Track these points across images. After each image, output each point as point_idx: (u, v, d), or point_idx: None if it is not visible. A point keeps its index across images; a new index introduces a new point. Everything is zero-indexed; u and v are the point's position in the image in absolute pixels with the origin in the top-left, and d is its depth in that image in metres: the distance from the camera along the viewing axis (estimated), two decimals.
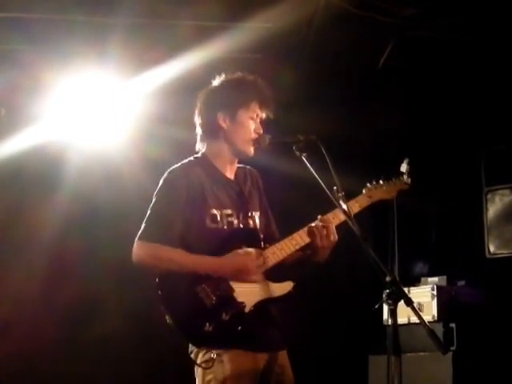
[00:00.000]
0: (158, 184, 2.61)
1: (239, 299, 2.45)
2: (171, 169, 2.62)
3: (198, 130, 2.70)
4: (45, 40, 4.00)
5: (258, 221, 2.65)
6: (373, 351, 4.16)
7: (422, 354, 3.93)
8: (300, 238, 2.57)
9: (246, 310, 2.45)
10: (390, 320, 2.20)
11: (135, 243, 2.51)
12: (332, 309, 4.72)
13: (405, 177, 2.80)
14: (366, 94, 4.59)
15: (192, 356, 2.50)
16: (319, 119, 3.98)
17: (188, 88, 4.11)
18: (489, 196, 4.65)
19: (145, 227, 2.51)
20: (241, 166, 2.75)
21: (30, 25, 3.93)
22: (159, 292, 2.47)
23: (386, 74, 4.53)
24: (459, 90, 4.56)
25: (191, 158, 2.68)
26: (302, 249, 2.61)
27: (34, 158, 4.22)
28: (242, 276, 2.47)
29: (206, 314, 2.41)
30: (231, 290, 2.46)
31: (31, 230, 4.25)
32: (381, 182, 2.78)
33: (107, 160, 4.36)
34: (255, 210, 2.67)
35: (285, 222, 2.83)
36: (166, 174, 2.60)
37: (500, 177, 4.61)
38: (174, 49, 4.09)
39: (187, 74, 4.10)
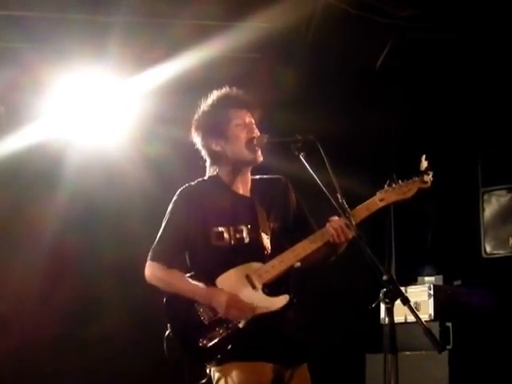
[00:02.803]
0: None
1: None
2: (179, 190, 2.70)
3: (206, 160, 2.76)
4: (44, 38, 4.01)
5: (274, 233, 2.66)
6: (370, 350, 4.18)
7: (418, 352, 3.95)
8: (302, 250, 2.59)
9: (241, 325, 2.50)
10: (386, 319, 2.22)
11: (148, 262, 2.66)
12: (329, 308, 4.73)
13: (425, 176, 2.64)
14: (364, 95, 4.60)
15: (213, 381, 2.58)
16: (317, 119, 3.99)
17: (187, 87, 4.13)
18: (485, 197, 4.67)
19: (155, 247, 2.66)
20: (262, 177, 2.77)
21: (29, 23, 3.93)
22: (164, 300, 2.61)
23: (385, 75, 4.54)
24: (457, 91, 4.58)
25: (204, 178, 2.74)
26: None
27: (33, 156, 4.22)
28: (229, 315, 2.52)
29: (201, 330, 2.50)
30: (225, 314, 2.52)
31: (31, 229, 4.25)
32: (400, 182, 2.63)
33: (107, 158, 4.36)
34: (274, 222, 2.68)
35: None
36: (174, 197, 2.69)
37: (496, 178, 4.63)
38: (174, 48, 4.10)
39: (186, 73, 4.11)
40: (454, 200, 4.73)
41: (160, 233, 2.66)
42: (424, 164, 2.64)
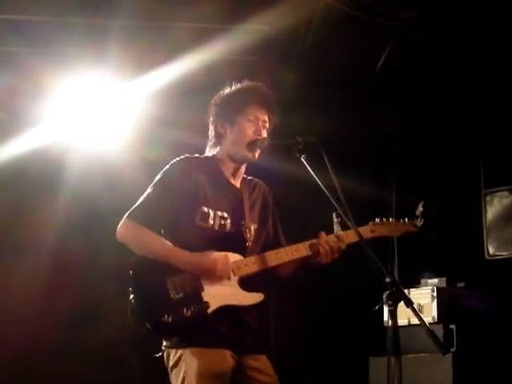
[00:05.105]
0: None
1: (205, 299, 2.49)
2: (175, 160, 2.68)
3: (209, 138, 2.78)
4: (44, 43, 4.01)
5: (252, 232, 2.69)
6: (373, 352, 4.16)
7: (422, 355, 3.93)
8: (285, 255, 2.62)
9: (209, 310, 2.49)
10: (390, 321, 2.21)
11: (124, 219, 2.58)
12: (332, 310, 4.72)
13: (417, 220, 2.74)
14: (364, 96, 4.60)
15: (165, 360, 2.56)
16: (318, 121, 3.99)
17: (187, 90, 4.13)
18: (487, 198, 4.65)
19: (137, 207, 2.59)
20: (252, 178, 2.82)
21: (29, 27, 3.94)
22: (130, 272, 2.53)
23: (385, 77, 4.53)
24: (458, 92, 4.57)
25: (200, 156, 2.74)
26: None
27: (34, 160, 4.23)
28: (209, 277, 2.51)
29: (167, 306, 2.46)
30: (200, 288, 2.51)
31: (32, 233, 4.26)
32: (390, 219, 2.74)
33: (107, 162, 4.37)
34: (252, 222, 2.71)
35: (283, 223, 2.85)
36: (168, 165, 2.67)
37: (498, 179, 4.62)
38: (174, 51, 4.09)
39: (187, 76, 4.11)
40: (457, 202, 4.72)
41: (148, 195, 2.60)
42: (420, 210, 2.74)
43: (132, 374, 4.25)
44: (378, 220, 2.72)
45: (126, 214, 2.58)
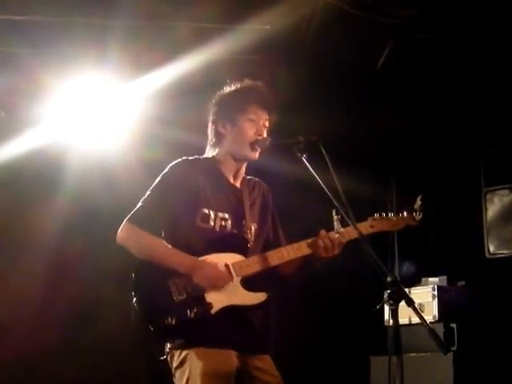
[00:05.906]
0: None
1: (208, 300, 2.51)
2: (172, 164, 2.68)
3: (209, 138, 2.79)
4: (44, 43, 4.01)
5: (253, 232, 2.70)
6: (374, 352, 4.16)
7: (423, 354, 3.93)
8: (287, 254, 2.62)
9: (212, 311, 2.50)
10: (391, 320, 2.21)
11: (124, 223, 2.59)
12: (333, 310, 4.73)
13: (416, 214, 2.74)
14: (364, 96, 4.60)
15: (169, 361, 2.57)
16: (318, 121, 3.99)
17: (187, 90, 4.13)
18: (488, 196, 4.66)
19: (137, 211, 2.60)
20: (251, 177, 2.82)
21: (29, 27, 3.94)
22: (133, 274, 2.55)
23: (386, 75, 4.53)
24: (458, 91, 4.57)
25: (199, 157, 2.75)
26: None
27: (33, 160, 4.23)
28: (210, 286, 2.52)
29: (170, 308, 2.47)
30: (203, 289, 2.51)
31: (31, 233, 4.26)
32: (389, 214, 2.74)
33: (106, 162, 4.37)
34: (253, 221, 2.72)
35: (285, 223, 2.86)
36: (166, 168, 2.67)
37: (499, 177, 4.62)
38: (173, 51, 4.09)
39: (186, 75, 4.11)
40: (457, 200, 4.72)
41: (148, 199, 2.61)
42: (418, 203, 2.75)
43: (132, 373, 4.26)
44: (377, 215, 2.73)
45: (127, 218, 2.59)
